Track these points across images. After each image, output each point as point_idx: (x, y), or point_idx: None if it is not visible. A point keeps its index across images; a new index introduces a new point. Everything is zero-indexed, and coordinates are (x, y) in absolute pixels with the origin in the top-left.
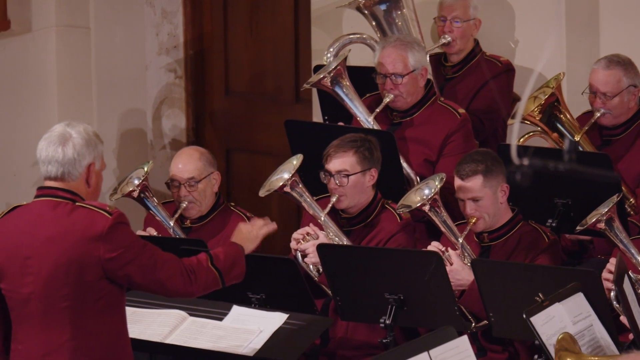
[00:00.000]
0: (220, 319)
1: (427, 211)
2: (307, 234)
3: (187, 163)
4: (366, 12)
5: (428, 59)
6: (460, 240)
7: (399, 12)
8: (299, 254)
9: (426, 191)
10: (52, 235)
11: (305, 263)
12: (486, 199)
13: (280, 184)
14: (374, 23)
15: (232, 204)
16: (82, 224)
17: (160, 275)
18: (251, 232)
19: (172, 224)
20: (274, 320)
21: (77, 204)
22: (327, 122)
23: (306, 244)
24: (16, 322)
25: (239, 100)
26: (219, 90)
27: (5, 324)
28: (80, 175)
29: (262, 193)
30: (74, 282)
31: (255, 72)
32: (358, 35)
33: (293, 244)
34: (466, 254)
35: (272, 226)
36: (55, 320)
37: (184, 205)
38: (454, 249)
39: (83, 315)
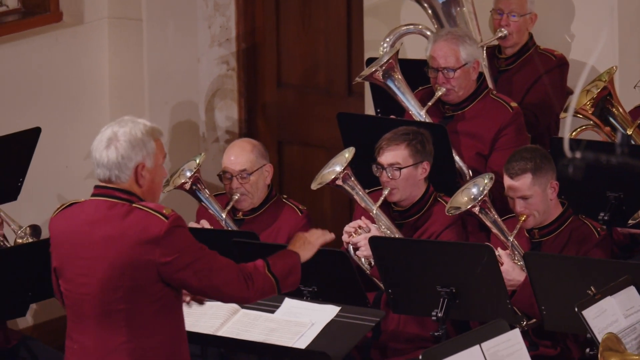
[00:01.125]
0: (272, 312)
1: (477, 213)
2: (359, 227)
3: (240, 155)
4: (425, 4)
5: (484, 51)
6: (511, 239)
7: (457, 3)
8: (351, 247)
9: (474, 191)
10: (108, 237)
11: (357, 256)
12: (536, 196)
13: (332, 177)
14: (430, 12)
15: (285, 196)
16: (137, 227)
17: (216, 281)
18: (308, 241)
19: (224, 216)
20: (326, 313)
21: (133, 205)
22: (379, 115)
23: (358, 237)
24: (71, 320)
25: (291, 92)
26: (271, 82)
27: None
28: (129, 177)
29: (314, 186)
30: (129, 285)
31: (308, 64)
32: (414, 26)
33: (345, 237)
34: (517, 253)
35: (329, 236)
36: (110, 322)
37: (236, 197)
38: (504, 248)
39: (139, 318)
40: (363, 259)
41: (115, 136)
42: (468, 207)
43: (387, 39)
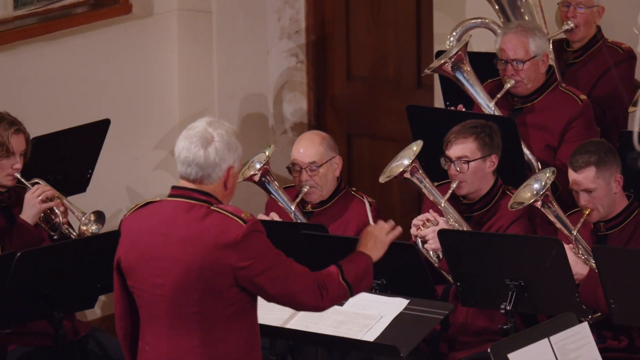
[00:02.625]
0: (341, 304)
1: (539, 207)
2: (428, 220)
3: (309, 147)
4: None
5: (551, 44)
6: (574, 233)
7: None
8: (419, 240)
9: (536, 186)
10: (185, 239)
11: (426, 249)
12: (599, 190)
13: (400, 170)
14: (497, 7)
15: (354, 189)
16: (215, 230)
17: (292, 289)
18: (379, 240)
19: (293, 209)
20: (395, 305)
21: (212, 207)
22: (448, 108)
23: (426, 230)
24: (145, 322)
25: (360, 85)
26: (341, 74)
27: (132, 320)
28: (219, 178)
29: (382, 179)
30: (204, 289)
31: (377, 56)
32: (481, 20)
33: (413, 230)
34: (580, 247)
35: (397, 231)
36: (184, 324)
37: (306, 189)
38: (568, 242)
39: (213, 321)
40: (431, 252)
41: (212, 137)
42: (530, 202)
43: (454, 33)
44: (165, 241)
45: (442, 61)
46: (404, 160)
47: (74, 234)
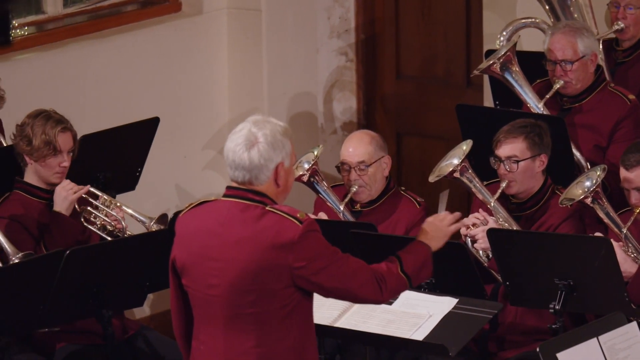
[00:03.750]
0: (390, 303)
1: (589, 203)
2: (477, 219)
3: (358, 147)
4: None
5: (600, 44)
6: (624, 230)
7: None
8: (469, 240)
9: (587, 183)
10: (241, 239)
11: (475, 248)
12: None
13: (450, 169)
14: (547, 7)
15: (403, 188)
16: (271, 231)
17: (351, 285)
18: (440, 230)
19: (342, 208)
20: (444, 304)
21: (267, 208)
22: (498, 107)
23: (476, 230)
24: (199, 321)
25: (410, 84)
26: (390, 73)
27: (187, 319)
28: (268, 178)
29: (432, 179)
30: (260, 289)
31: (427, 56)
32: (531, 20)
33: (463, 230)
34: (630, 245)
35: (460, 223)
36: (240, 325)
37: (354, 189)
38: (617, 240)
39: (269, 322)
40: (481, 251)
41: (256, 138)
42: (581, 198)
43: (504, 32)
44: (221, 242)
45: (491, 62)
46: (454, 160)
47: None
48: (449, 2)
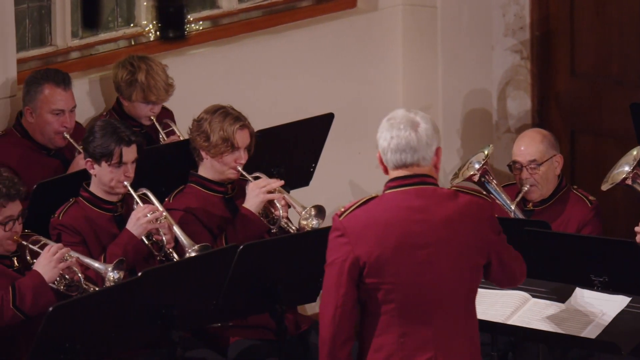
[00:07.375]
0: (562, 301)
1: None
2: None
3: (529, 145)
4: None
5: None
6: None
7: None
8: None
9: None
10: (448, 219)
11: None
12: None
13: (622, 177)
14: None
15: (575, 186)
16: (472, 208)
17: (515, 269)
18: None
19: (513, 208)
20: (616, 303)
21: (452, 187)
22: None
23: None
24: (399, 315)
25: (584, 82)
26: (565, 71)
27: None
28: (431, 159)
29: (605, 187)
30: (469, 267)
31: (601, 54)
32: None
33: (638, 229)
34: None
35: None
36: (452, 308)
37: (526, 188)
38: None
39: (472, 301)
40: None
41: (417, 121)
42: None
43: None
44: (428, 227)
45: None
46: (625, 167)
47: (293, 228)
48: (624, 0)
